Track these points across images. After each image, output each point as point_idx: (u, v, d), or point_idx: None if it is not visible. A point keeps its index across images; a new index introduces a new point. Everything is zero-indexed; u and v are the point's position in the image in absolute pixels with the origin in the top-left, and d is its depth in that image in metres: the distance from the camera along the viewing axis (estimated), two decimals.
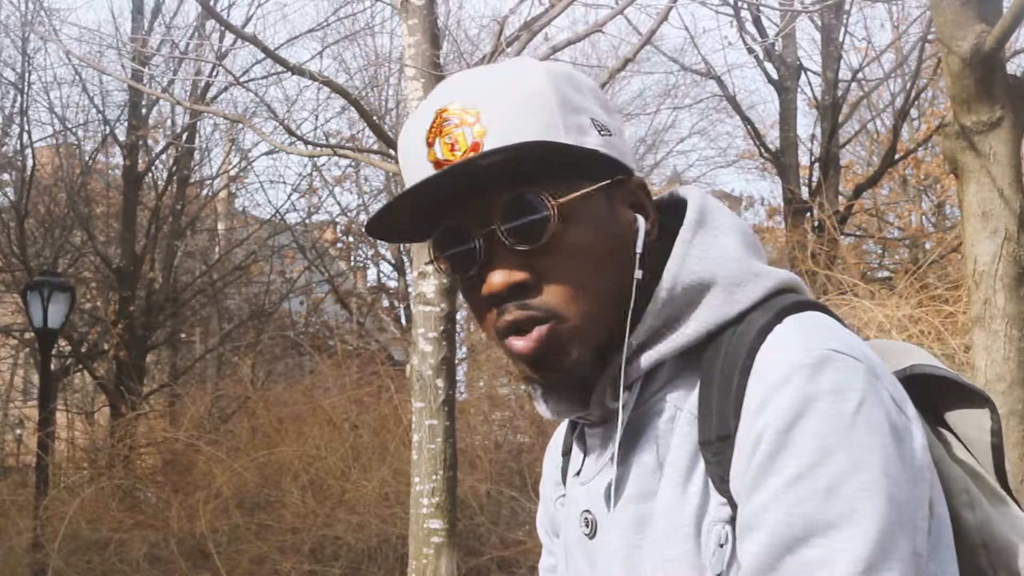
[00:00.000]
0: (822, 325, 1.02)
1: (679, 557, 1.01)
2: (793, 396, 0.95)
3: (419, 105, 1.12)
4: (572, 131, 1.05)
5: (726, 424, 0.99)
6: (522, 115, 1.04)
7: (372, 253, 17.25)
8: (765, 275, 1.07)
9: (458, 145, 1.04)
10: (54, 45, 12.43)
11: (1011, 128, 4.02)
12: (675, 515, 1.02)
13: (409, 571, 5.78)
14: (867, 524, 0.91)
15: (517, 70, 1.08)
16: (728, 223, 1.11)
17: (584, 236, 1.05)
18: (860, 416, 0.94)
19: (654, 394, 1.07)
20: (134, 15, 13.77)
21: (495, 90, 1.05)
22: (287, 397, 11.09)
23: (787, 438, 0.94)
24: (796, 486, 0.93)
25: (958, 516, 1.05)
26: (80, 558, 8.91)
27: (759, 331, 1.01)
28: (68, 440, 13.43)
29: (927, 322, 6.75)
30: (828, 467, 0.93)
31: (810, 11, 8.77)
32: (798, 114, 12.93)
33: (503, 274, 1.04)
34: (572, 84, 1.09)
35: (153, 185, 14.62)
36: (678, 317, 1.05)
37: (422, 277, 5.84)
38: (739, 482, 0.98)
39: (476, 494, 8.69)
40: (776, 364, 0.97)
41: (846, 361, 0.96)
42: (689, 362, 1.06)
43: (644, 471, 1.06)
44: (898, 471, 0.94)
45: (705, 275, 1.06)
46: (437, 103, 1.08)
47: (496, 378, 11.89)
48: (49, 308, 10.38)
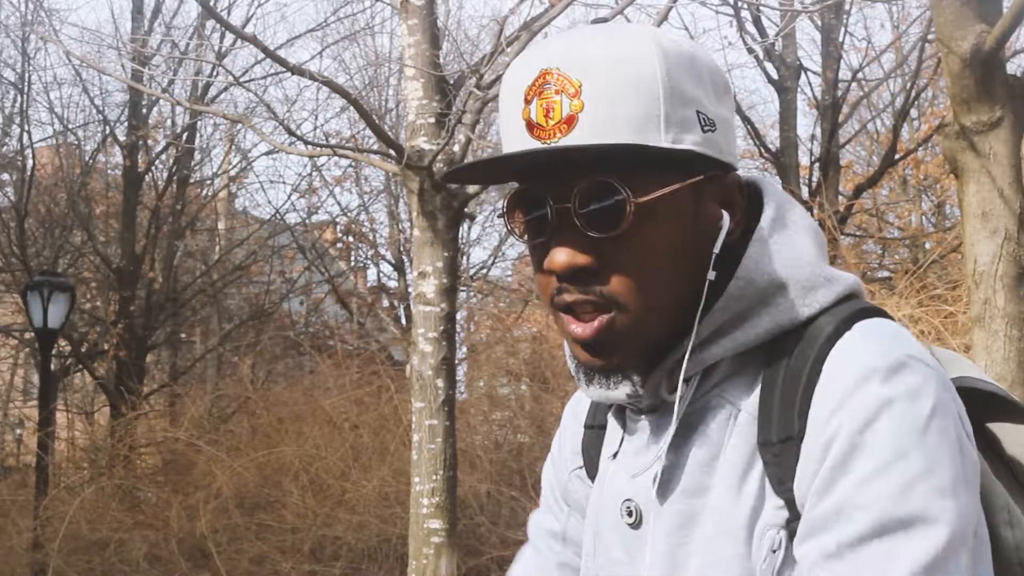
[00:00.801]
0: (895, 332, 1.01)
1: (729, 559, 1.00)
2: (868, 399, 0.94)
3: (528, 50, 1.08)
4: (673, 127, 1.01)
5: (790, 426, 0.98)
6: (625, 99, 1.00)
7: (372, 253, 17.25)
8: (836, 280, 1.06)
9: (553, 113, 1.01)
10: (54, 45, 12.43)
11: (1011, 128, 4.02)
12: (727, 516, 1.01)
13: (409, 571, 5.78)
14: (937, 525, 0.91)
15: (632, 44, 1.02)
16: (803, 223, 1.09)
17: (660, 233, 1.02)
18: (933, 422, 0.94)
19: (710, 390, 1.06)
20: (134, 15, 13.77)
21: (603, 63, 1.01)
22: (287, 397, 11.09)
23: (861, 439, 0.94)
24: (870, 485, 0.93)
25: (997, 534, 1.04)
26: (80, 558, 8.91)
27: (828, 337, 1.00)
28: (68, 440, 13.42)
29: (927, 322, 6.75)
30: (902, 467, 0.92)
31: (810, 11, 8.77)
32: (798, 114, 12.93)
33: (567, 254, 1.01)
34: (688, 68, 1.03)
35: (153, 185, 14.61)
36: (747, 315, 1.04)
37: (422, 277, 5.84)
38: (806, 484, 0.97)
39: (476, 494, 8.69)
40: (851, 368, 0.96)
41: (920, 368, 0.96)
42: (750, 361, 1.04)
43: (696, 467, 1.04)
44: (961, 483, 0.94)
45: (779, 276, 1.04)
46: (544, 61, 1.02)
47: (496, 378, 11.89)
48: (49, 308, 10.38)
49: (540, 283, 1.06)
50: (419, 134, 5.87)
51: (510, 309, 15.91)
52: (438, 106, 5.86)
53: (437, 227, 5.85)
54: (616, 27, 1.07)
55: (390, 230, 16.56)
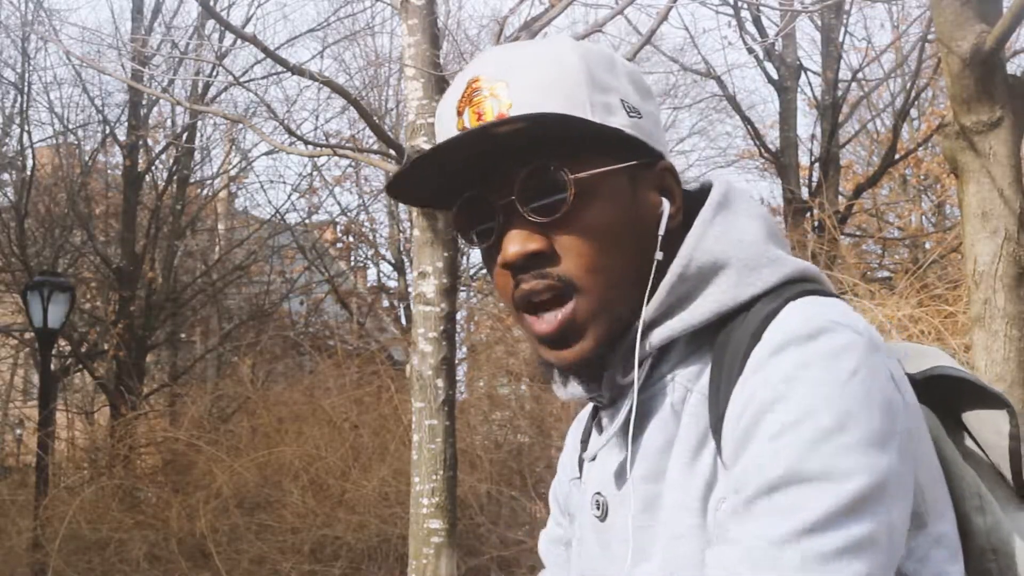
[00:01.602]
0: (827, 303, 1.01)
1: (687, 532, 1.01)
2: (786, 361, 0.95)
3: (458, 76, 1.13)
4: (598, 110, 1.05)
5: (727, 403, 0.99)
6: (549, 90, 1.04)
7: (372, 253, 17.26)
8: (781, 262, 1.06)
9: (484, 115, 1.05)
10: (54, 45, 12.45)
11: (1011, 128, 4.02)
12: (682, 492, 1.02)
13: (409, 571, 5.78)
14: (841, 482, 0.91)
15: (550, 47, 1.08)
16: (750, 208, 1.11)
17: (603, 213, 1.05)
18: (852, 383, 0.93)
19: (664, 375, 1.07)
20: (134, 15, 13.78)
21: (525, 64, 1.06)
22: (287, 397, 11.09)
23: (774, 397, 0.94)
24: (776, 440, 0.93)
25: (968, 520, 1.05)
26: (80, 558, 8.91)
27: (768, 314, 1.00)
28: (68, 440, 13.43)
29: (927, 322, 6.75)
30: (811, 423, 0.92)
31: (810, 11, 8.77)
32: (798, 114, 12.94)
33: (518, 243, 1.04)
34: (605, 64, 1.09)
35: (153, 185, 14.62)
36: (690, 296, 1.05)
37: (422, 277, 5.84)
38: (729, 447, 0.97)
39: (476, 494, 8.69)
40: (774, 334, 0.97)
41: (845, 331, 0.96)
42: (702, 344, 1.05)
43: (654, 451, 1.05)
44: (884, 442, 0.93)
45: (720, 256, 1.05)
46: (470, 73, 1.09)
47: (496, 378, 11.89)
48: (49, 308, 10.38)
49: (499, 285, 1.09)
50: (419, 134, 5.87)
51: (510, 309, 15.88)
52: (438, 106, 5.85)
53: (437, 227, 5.85)
54: (533, 41, 1.16)
55: (390, 230, 16.57)
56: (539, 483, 8.64)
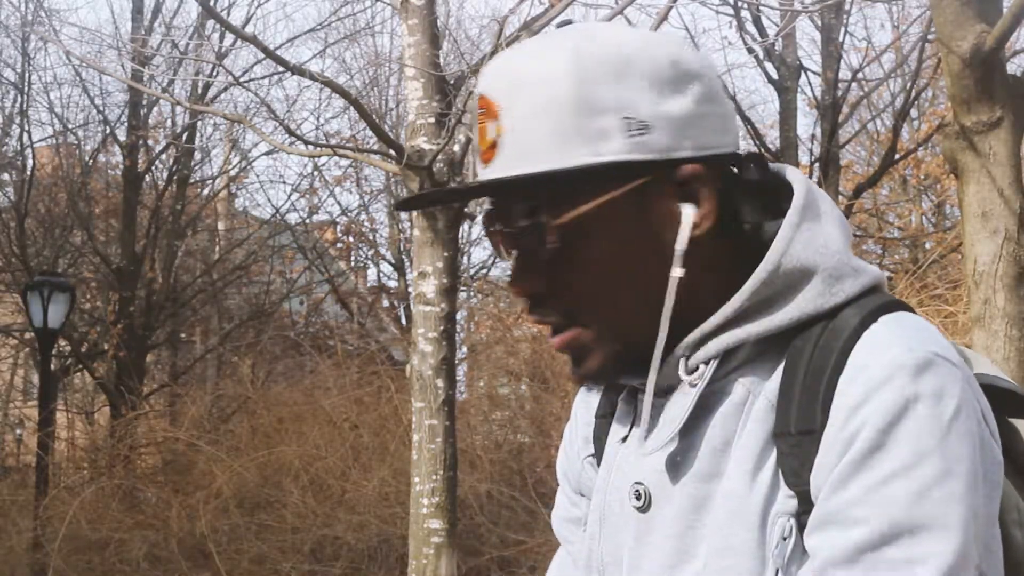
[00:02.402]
0: (921, 328, 1.00)
1: (741, 546, 1.00)
2: (894, 396, 0.94)
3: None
4: (588, 140, 1.01)
5: (810, 419, 0.98)
6: (537, 119, 1.01)
7: (372, 253, 17.26)
8: (863, 271, 1.06)
9: (483, 139, 1.05)
10: (54, 45, 12.44)
11: (1011, 128, 4.02)
12: (741, 502, 1.00)
13: (409, 571, 5.78)
14: (953, 531, 0.91)
15: (545, 59, 1.03)
16: (832, 212, 1.09)
17: (599, 246, 1.03)
18: (956, 423, 0.93)
19: (728, 373, 1.05)
20: (134, 15, 13.77)
21: (517, 84, 1.03)
22: (287, 397, 11.09)
23: (884, 438, 0.93)
24: (888, 485, 0.93)
25: (1008, 534, 1.03)
26: (80, 558, 8.91)
27: (854, 329, 0.99)
28: (68, 440, 13.43)
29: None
30: (921, 470, 0.92)
31: (810, 11, 8.77)
32: (798, 114, 12.91)
33: (519, 282, 1.06)
34: (607, 71, 1.02)
35: (153, 185, 14.62)
36: (774, 301, 1.03)
37: (422, 277, 5.84)
38: (822, 476, 0.96)
39: (476, 494, 8.69)
40: (877, 363, 0.96)
41: (946, 367, 0.96)
42: (771, 348, 1.04)
43: (710, 451, 1.04)
44: (981, 484, 0.94)
45: (808, 263, 1.03)
46: (479, 87, 1.07)
47: (496, 378, 11.90)
48: (49, 308, 10.38)
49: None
50: (419, 134, 5.87)
51: (510, 309, 15.90)
52: (438, 106, 5.86)
53: (437, 227, 5.85)
54: (540, 43, 1.07)
55: (390, 230, 16.56)
56: (539, 483, 8.64)
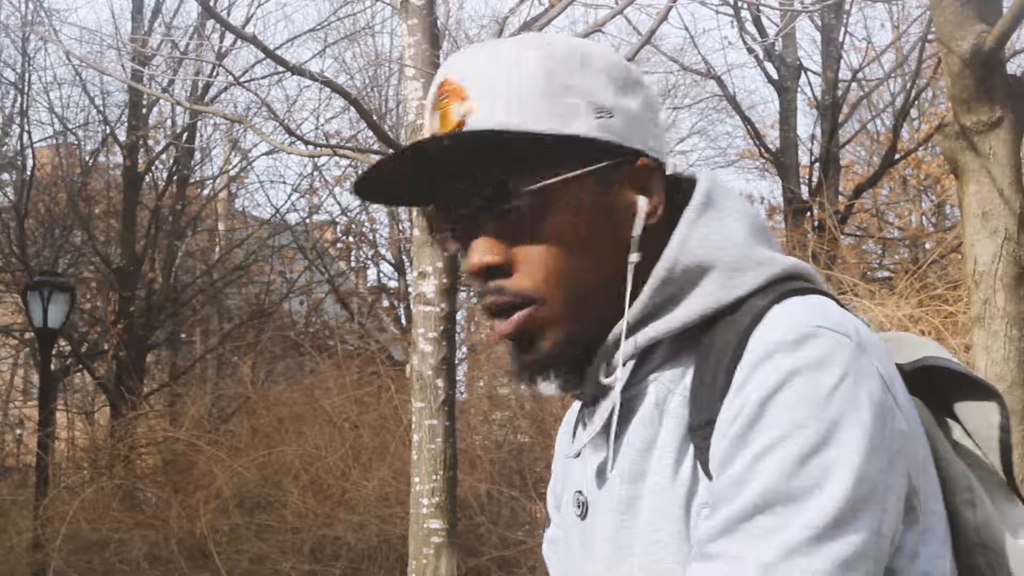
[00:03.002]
0: (813, 305, 1.00)
1: (668, 539, 1.01)
2: (772, 371, 0.94)
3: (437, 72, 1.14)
4: (556, 116, 1.03)
5: (712, 408, 0.99)
6: (504, 96, 1.03)
7: (372, 253, 17.26)
8: (768, 262, 1.06)
9: (447, 119, 1.05)
10: (54, 45, 12.45)
11: (1011, 128, 4.02)
12: (665, 497, 1.01)
13: (409, 571, 5.78)
14: (827, 498, 0.91)
15: (513, 48, 1.07)
16: (736, 207, 1.10)
17: (564, 221, 1.04)
18: (839, 391, 0.93)
19: (648, 374, 1.06)
20: (134, 15, 13.78)
21: (486, 68, 1.05)
22: (287, 397, 11.09)
23: (761, 411, 0.94)
24: (763, 458, 0.93)
25: (958, 513, 1.04)
26: (80, 558, 8.91)
27: (754, 316, 1.00)
28: (68, 440, 13.43)
29: (927, 322, 6.75)
30: (796, 439, 0.92)
31: (810, 11, 8.77)
32: (798, 114, 12.94)
33: (478, 255, 1.05)
34: (572, 63, 1.06)
35: (153, 185, 14.62)
36: (675, 298, 1.04)
37: (422, 277, 5.84)
38: (715, 459, 0.97)
39: (476, 494, 8.69)
40: (759, 343, 0.97)
41: (831, 336, 0.96)
42: (686, 345, 1.05)
43: (634, 451, 1.05)
44: (872, 449, 0.93)
45: (705, 258, 1.04)
46: (441, 74, 1.08)
47: (496, 378, 11.89)
48: (49, 308, 10.38)
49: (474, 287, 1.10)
50: (419, 134, 5.87)
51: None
52: None
53: None
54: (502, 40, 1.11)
55: (390, 230, 16.57)
56: (539, 483, 8.64)
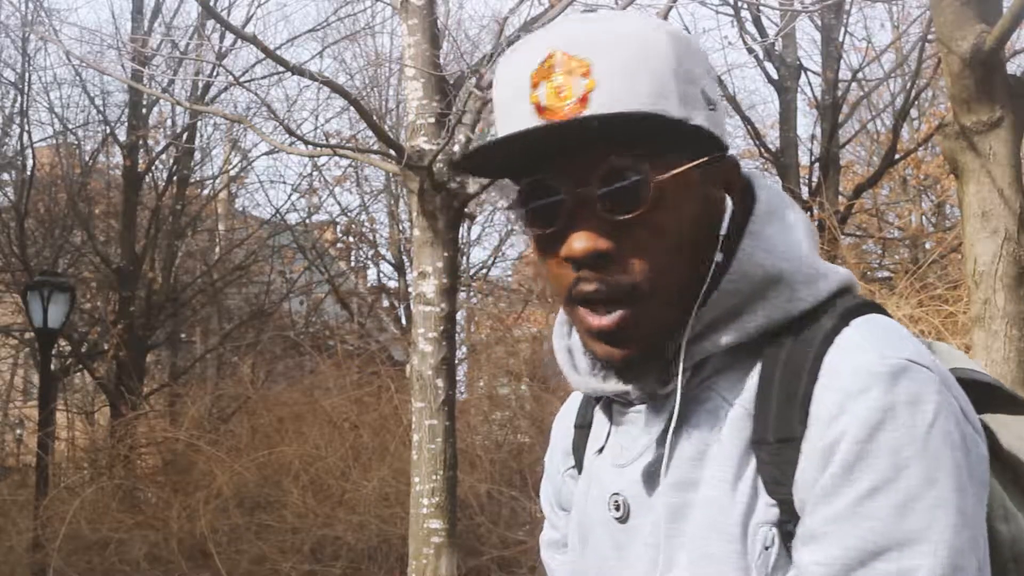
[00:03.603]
0: (893, 331, 1.00)
1: (723, 556, 0.99)
2: (871, 406, 0.94)
3: (522, 39, 1.07)
4: (685, 103, 1.00)
5: (789, 427, 0.97)
6: (636, 76, 0.99)
7: (372, 253, 17.26)
8: (830, 274, 1.05)
9: (565, 93, 0.99)
10: (54, 45, 12.44)
11: (1011, 128, 4.02)
12: (721, 512, 1.00)
13: (409, 571, 5.78)
14: (941, 540, 0.91)
15: (636, 25, 1.03)
16: (796, 216, 1.08)
17: (675, 213, 1.01)
18: (935, 429, 0.93)
19: (701, 383, 1.05)
20: (134, 15, 13.77)
21: (610, 43, 1.00)
22: (287, 397, 11.09)
23: (864, 449, 0.93)
24: (871, 499, 0.93)
25: (993, 529, 1.03)
26: (80, 558, 8.91)
27: (826, 334, 0.99)
28: (68, 440, 13.43)
29: (927, 322, 6.75)
30: (904, 481, 0.92)
31: (810, 11, 8.77)
32: (798, 114, 12.94)
33: (588, 239, 0.99)
34: (691, 51, 1.04)
35: (153, 185, 14.62)
36: (741, 310, 1.03)
37: (422, 277, 5.84)
38: (807, 490, 0.96)
39: (476, 494, 8.69)
40: (852, 371, 0.96)
41: (921, 372, 0.95)
42: (741, 355, 1.03)
43: (685, 460, 1.03)
44: (967, 485, 0.94)
45: (772, 269, 1.03)
46: (547, 45, 1.01)
47: (496, 378, 11.89)
48: (49, 308, 10.38)
49: (554, 274, 1.04)
50: (419, 134, 5.87)
51: (510, 309, 15.92)
52: (438, 106, 5.86)
53: (437, 227, 5.85)
54: (617, 14, 1.07)
55: (390, 230, 16.57)
56: (539, 483, 8.61)
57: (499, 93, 1.06)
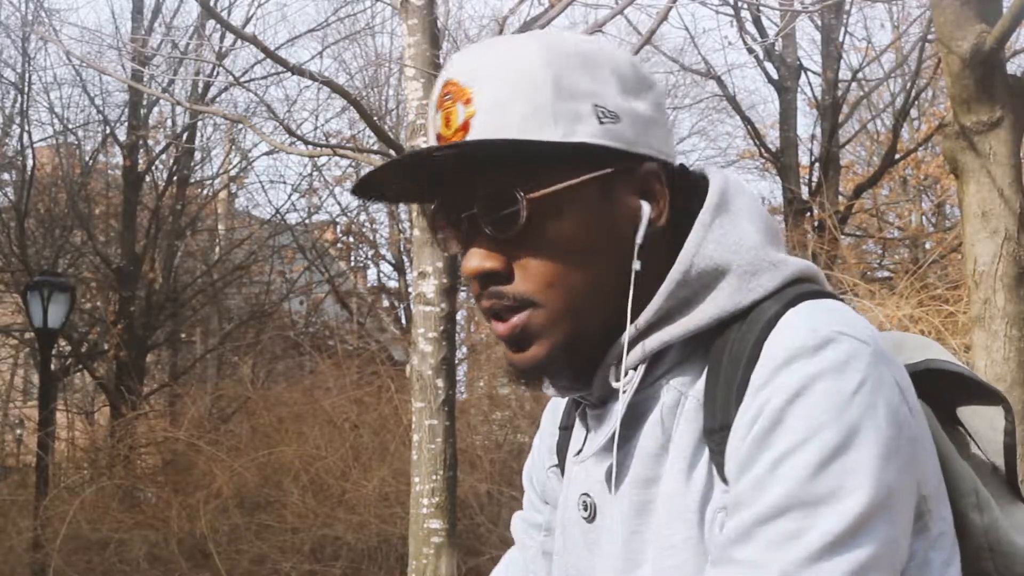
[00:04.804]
0: (831, 309, 1.00)
1: (682, 543, 1.00)
2: (793, 376, 0.94)
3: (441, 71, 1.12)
4: (562, 121, 1.02)
5: (728, 413, 0.98)
6: (511, 99, 1.02)
7: (372, 253, 17.26)
8: (782, 264, 1.05)
9: (451, 121, 1.04)
10: (54, 45, 12.45)
11: (1011, 128, 4.02)
12: (678, 502, 1.01)
13: (409, 571, 5.78)
14: (847, 503, 0.91)
15: (518, 48, 1.05)
16: (749, 208, 1.09)
17: (565, 228, 1.03)
18: (858, 396, 0.93)
19: (659, 378, 1.06)
20: (134, 15, 13.77)
21: (491, 69, 1.04)
22: (287, 397, 11.09)
23: (782, 415, 0.94)
24: (785, 461, 0.93)
25: (965, 517, 1.04)
26: (80, 558, 8.91)
27: (768, 320, 1.00)
28: (68, 440, 13.42)
29: (927, 322, 6.75)
30: (817, 443, 0.92)
31: (810, 11, 8.77)
32: (798, 114, 12.95)
33: (477, 260, 1.05)
34: (580, 64, 1.05)
35: (153, 185, 14.62)
36: (690, 301, 1.04)
37: (422, 277, 5.84)
38: (733, 461, 0.97)
39: (476, 494, 8.69)
40: (782, 347, 0.97)
41: (850, 342, 0.96)
42: (698, 348, 1.04)
43: (646, 456, 1.04)
44: (888, 456, 0.93)
45: (721, 261, 1.04)
46: (446, 74, 1.07)
47: (496, 378, 11.88)
48: (49, 308, 10.38)
49: (472, 291, 1.09)
50: (419, 134, 5.87)
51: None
52: None
53: None
54: (507, 38, 1.10)
55: (390, 230, 16.57)
56: None
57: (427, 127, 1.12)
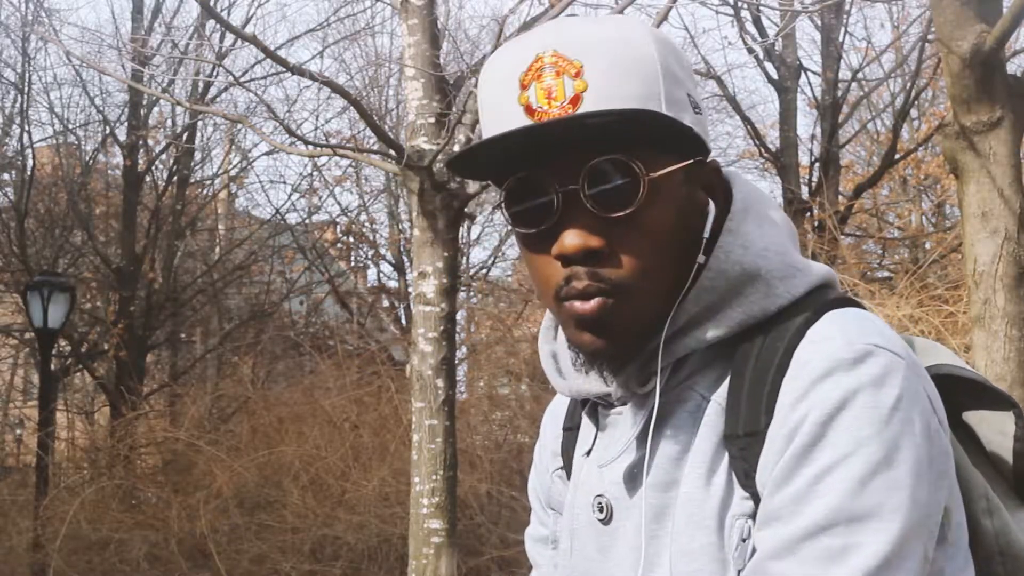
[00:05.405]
0: (863, 319, 1.00)
1: (701, 550, 1.00)
2: (833, 390, 0.94)
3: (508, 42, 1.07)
4: (673, 104, 1.01)
5: (756, 420, 0.98)
6: (626, 77, 1.00)
7: (372, 253, 17.26)
8: (807, 270, 1.05)
9: (555, 95, 0.99)
10: (54, 45, 12.45)
11: (1011, 128, 4.02)
12: (697, 507, 1.00)
13: (409, 571, 5.78)
14: (890, 521, 0.91)
15: (625, 29, 1.03)
16: (773, 213, 1.09)
17: (664, 214, 1.02)
18: (897, 412, 0.93)
19: (681, 382, 1.05)
20: (134, 15, 13.77)
21: (600, 45, 1.01)
22: (287, 397, 11.09)
23: (824, 430, 0.93)
24: (827, 476, 0.93)
25: (976, 522, 1.04)
26: (80, 558, 8.91)
27: (798, 328, 0.99)
28: (68, 440, 13.43)
29: (927, 322, 6.75)
30: (860, 458, 0.92)
31: (810, 11, 8.77)
32: (798, 114, 12.94)
33: (579, 236, 1.00)
34: (676, 55, 1.05)
35: (153, 185, 14.62)
36: (719, 307, 1.03)
37: (422, 277, 5.84)
38: (767, 473, 0.96)
39: (476, 494, 8.69)
40: (817, 358, 0.96)
41: (887, 356, 0.95)
42: (720, 352, 1.04)
43: (666, 460, 1.04)
44: (925, 473, 0.93)
45: (749, 267, 1.03)
46: (536, 46, 1.02)
47: (496, 378, 11.89)
48: (49, 308, 10.38)
49: (543, 273, 1.04)
50: (419, 134, 5.87)
51: (510, 309, 15.91)
52: (438, 106, 5.86)
53: (437, 227, 5.85)
54: (607, 15, 1.09)
55: (390, 230, 16.57)
56: None
57: (486, 95, 1.06)
